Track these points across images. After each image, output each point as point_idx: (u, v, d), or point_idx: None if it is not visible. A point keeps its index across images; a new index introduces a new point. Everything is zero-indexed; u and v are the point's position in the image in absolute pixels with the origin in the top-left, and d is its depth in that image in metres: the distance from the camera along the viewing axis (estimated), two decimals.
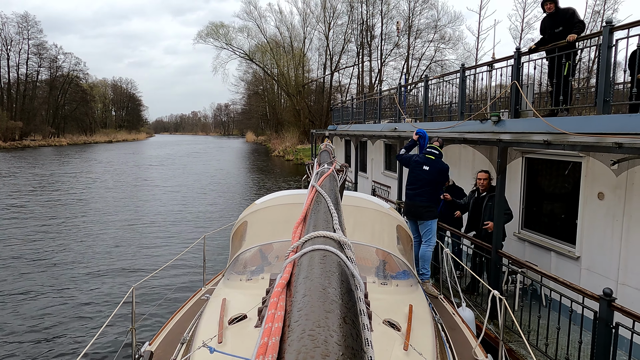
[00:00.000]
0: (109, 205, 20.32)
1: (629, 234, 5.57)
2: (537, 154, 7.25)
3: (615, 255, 5.79)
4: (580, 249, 6.38)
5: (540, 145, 5.42)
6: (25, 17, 77.99)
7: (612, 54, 5.98)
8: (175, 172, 36.08)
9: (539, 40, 7.83)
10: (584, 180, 6.33)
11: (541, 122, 6.56)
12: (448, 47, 51.33)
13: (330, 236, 1.21)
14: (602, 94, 5.97)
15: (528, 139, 5.82)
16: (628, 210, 5.60)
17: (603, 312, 4.33)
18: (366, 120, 18.35)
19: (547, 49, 7.42)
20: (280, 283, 1.03)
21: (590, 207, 6.23)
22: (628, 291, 5.55)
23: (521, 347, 5.61)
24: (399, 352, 2.97)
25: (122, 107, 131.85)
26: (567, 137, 5.47)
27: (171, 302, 8.34)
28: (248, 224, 4.74)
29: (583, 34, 7.08)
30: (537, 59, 7.76)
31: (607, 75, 5.97)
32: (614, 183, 5.80)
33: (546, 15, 7.61)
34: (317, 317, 0.73)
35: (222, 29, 59.06)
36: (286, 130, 61.22)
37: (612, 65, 5.98)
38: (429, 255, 6.70)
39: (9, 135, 69.55)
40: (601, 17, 33.65)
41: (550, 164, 7.25)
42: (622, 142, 4.26)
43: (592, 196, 6.20)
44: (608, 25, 5.90)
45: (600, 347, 4.36)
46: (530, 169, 7.64)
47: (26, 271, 10.91)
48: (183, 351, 3.57)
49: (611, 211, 5.87)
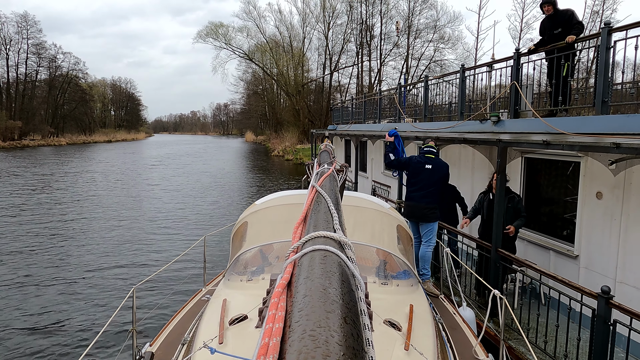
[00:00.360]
0: (109, 205, 20.36)
1: (627, 233, 5.65)
2: (536, 154, 7.32)
3: (613, 254, 5.86)
4: (579, 247, 6.45)
5: (540, 145, 5.49)
6: (25, 17, 78.22)
7: (610, 55, 6.06)
8: (176, 171, 36.17)
9: (538, 41, 7.91)
10: (583, 180, 6.40)
11: (540, 122, 6.64)
12: (447, 47, 51.58)
13: (330, 236, 1.21)
14: (600, 94, 6.05)
15: (527, 139, 5.89)
16: (626, 210, 5.67)
17: (601, 310, 4.39)
18: (366, 120, 18.42)
19: (547, 49, 7.50)
20: (280, 283, 1.03)
21: (589, 206, 6.30)
22: (626, 289, 5.62)
23: (520, 344, 5.68)
24: (400, 352, 2.97)
25: (121, 107, 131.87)
26: (566, 137, 5.54)
27: (172, 303, 8.38)
28: (248, 225, 4.74)
29: (582, 35, 7.16)
30: (537, 59, 7.83)
31: (606, 76, 6.05)
32: (612, 183, 5.87)
33: (545, 17, 7.69)
34: (317, 318, 0.73)
35: (222, 29, 59.19)
36: (285, 130, 61.28)
37: (610, 66, 6.06)
38: (429, 256, 6.67)
39: (8, 135, 69.59)
40: (600, 17, 33.79)
41: (549, 164, 7.32)
42: (620, 143, 4.33)
43: (590, 196, 6.27)
44: (606, 27, 5.97)
45: (598, 344, 4.43)
46: (530, 168, 7.71)
47: (26, 272, 10.93)
48: (184, 352, 3.56)
49: (609, 210, 5.94)
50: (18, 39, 77.92)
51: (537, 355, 5.19)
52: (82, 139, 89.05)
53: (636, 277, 5.52)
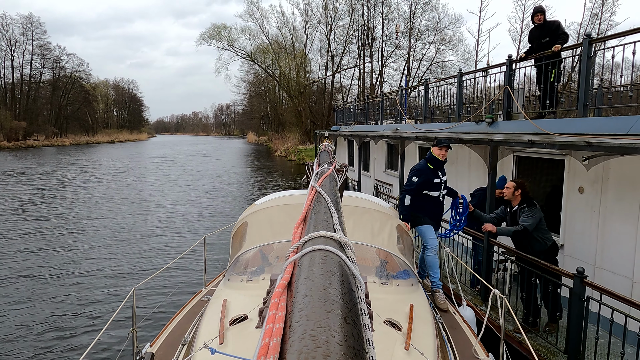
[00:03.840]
0: (109, 205, 20.33)
1: (605, 223, 6.30)
2: (526, 152, 7.96)
3: (593, 242, 6.50)
4: (563, 237, 7.10)
5: (525, 144, 6.14)
6: (30, 19, 78.97)
7: (591, 64, 6.72)
8: (180, 172, 36.64)
9: (527, 49, 8.56)
10: (567, 176, 7.05)
11: (530, 123, 7.29)
12: (448, 49, 52.15)
13: (330, 236, 1.22)
14: (582, 99, 6.70)
15: (515, 139, 6.53)
16: (604, 202, 6.32)
17: (576, 288, 5.04)
18: (369, 121, 19.07)
19: (535, 57, 8.15)
20: (281, 284, 1.04)
21: (572, 200, 6.95)
22: (604, 274, 6.27)
23: (511, 324, 6.31)
24: (400, 352, 2.97)
25: (123, 107, 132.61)
26: (551, 137, 6.18)
27: (172, 303, 8.34)
28: (248, 225, 4.74)
29: (566, 44, 7.82)
30: (528, 65, 8.49)
31: (587, 82, 6.70)
32: (592, 178, 6.52)
33: (534, 27, 8.35)
34: (318, 318, 0.73)
35: (225, 31, 59.91)
36: (288, 130, 61.93)
37: (591, 73, 6.71)
38: (431, 260, 5.97)
39: (12, 136, 70.27)
40: (599, 19, 34.27)
41: (537, 162, 7.97)
42: (591, 142, 4.98)
43: (573, 190, 6.92)
44: (587, 38, 6.63)
45: (574, 317, 5.08)
46: (520, 166, 8.36)
47: (27, 272, 10.90)
48: (184, 352, 3.54)
49: (590, 203, 6.59)
50: (23, 41, 78.86)
51: (526, 333, 5.82)
52: (85, 140, 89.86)
53: (612, 262, 6.17)
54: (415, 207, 5.97)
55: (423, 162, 6.21)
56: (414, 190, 5.97)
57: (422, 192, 6.04)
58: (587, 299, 4.98)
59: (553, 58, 7.65)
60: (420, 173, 6.06)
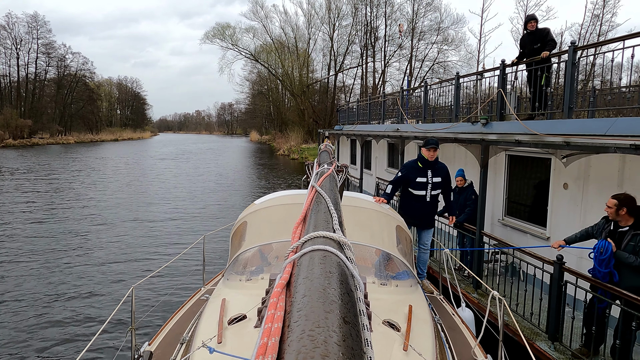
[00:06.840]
0: (110, 205, 20.27)
1: (586, 216, 6.85)
2: (516, 151, 8.51)
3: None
4: (550, 230, 7.66)
5: (513, 144, 6.69)
6: (35, 17, 79.81)
7: (576, 70, 7.26)
8: (185, 170, 37.10)
9: (519, 55, 9.11)
10: (553, 173, 7.61)
11: (520, 124, 7.84)
12: (451, 49, 52.59)
13: (330, 236, 1.22)
14: (567, 102, 7.25)
15: (505, 139, 7.09)
16: (585, 197, 6.88)
17: (556, 273, 5.60)
18: (371, 121, 19.61)
19: (526, 62, 8.70)
20: (280, 283, 1.03)
21: (558, 195, 7.51)
22: (584, 262, 6.82)
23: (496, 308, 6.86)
24: (399, 353, 2.97)
25: (127, 106, 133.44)
26: (538, 137, 6.72)
27: (171, 302, 8.34)
28: (247, 224, 4.73)
29: (554, 51, 8.37)
30: (520, 70, 9.04)
31: (572, 86, 7.25)
32: (575, 175, 7.07)
33: (525, 33, 8.91)
34: (316, 318, 0.73)
35: (228, 30, 60.47)
36: (290, 129, 62.43)
37: (575, 78, 7.26)
38: (426, 258, 6.74)
39: (18, 133, 70.97)
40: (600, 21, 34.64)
41: (527, 160, 8.52)
42: (569, 141, 5.54)
43: (559, 186, 7.48)
44: (572, 46, 7.17)
45: (553, 299, 5.64)
46: (511, 164, 8.91)
47: (25, 271, 10.91)
48: (182, 351, 3.54)
49: (573, 198, 7.15)
50: (28, 39, 79.62)
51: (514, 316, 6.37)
52: (90, 138, 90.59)
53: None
54: (400, 205, 6.42)
55: (414, 160, 6.46)
56: (395, 183, 6.33)
57: (407, 190, 6.34)
58: (565, 282, 5.54)
59: (543, 63, 8.19)
60: (406, 169, 6.35)
